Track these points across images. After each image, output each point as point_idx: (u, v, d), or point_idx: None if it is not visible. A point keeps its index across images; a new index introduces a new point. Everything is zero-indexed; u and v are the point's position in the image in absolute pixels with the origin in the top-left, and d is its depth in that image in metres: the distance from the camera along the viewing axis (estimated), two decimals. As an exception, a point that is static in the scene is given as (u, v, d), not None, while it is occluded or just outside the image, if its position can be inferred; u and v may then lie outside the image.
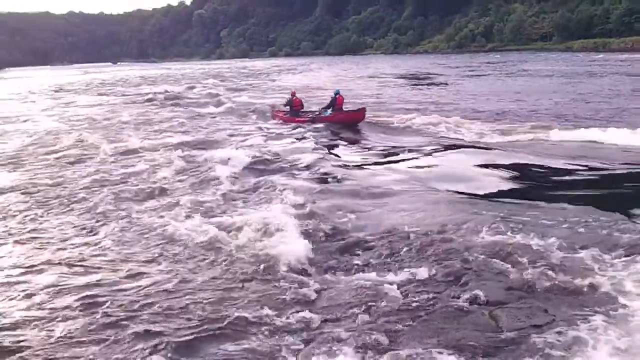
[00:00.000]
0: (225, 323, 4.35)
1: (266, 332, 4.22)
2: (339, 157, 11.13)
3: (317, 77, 38.67)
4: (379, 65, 51.77)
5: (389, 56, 77.07)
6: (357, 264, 5.45)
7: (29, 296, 4.97)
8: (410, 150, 11.34)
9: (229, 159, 10.34)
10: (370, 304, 4.58)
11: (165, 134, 14.46)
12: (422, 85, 29.15)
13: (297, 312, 4.50)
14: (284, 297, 4.78)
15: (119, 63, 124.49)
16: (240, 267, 5.43)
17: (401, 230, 6.20)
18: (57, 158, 11.83)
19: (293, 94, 17.23)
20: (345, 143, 12.83)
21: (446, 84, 28.88)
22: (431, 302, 4.57)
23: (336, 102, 15.35)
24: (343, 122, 14.99)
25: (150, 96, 26.88)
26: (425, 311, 4.44)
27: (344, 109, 15.41)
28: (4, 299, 4.95)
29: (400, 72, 38.36)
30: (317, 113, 15.95)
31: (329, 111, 15.46)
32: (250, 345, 4.08)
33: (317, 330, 4.22)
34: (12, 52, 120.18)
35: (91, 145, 13.00)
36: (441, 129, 14.09)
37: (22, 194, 8.77)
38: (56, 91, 37.21)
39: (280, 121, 16.56)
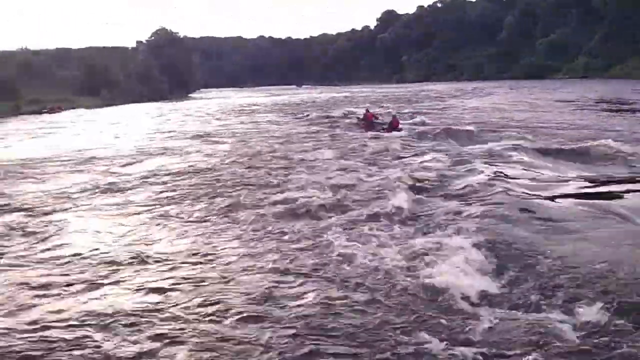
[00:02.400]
0: (385, 349, 4.39)
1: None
2: (520, 184, 10.52)
3: (498, 101, 37.49)
4: (567, 90, 48.74)
5: (578, 81, 72.12)
6: (532, 301, 5.19)
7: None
8: (607, 181, 10.51)
9: (397, 180, 10.41)
10: (542, 344, 4.37)
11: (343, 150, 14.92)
12: (617, 112, 26.60)
13: (465, 346, 4.43)
14: (452, 329, 4.74)
15: (302, 86, 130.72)
16: (407, 294, 5.47)
17: (587, 267, 5.80)
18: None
19: (367, 110, 23.52)
20: (529, 169, 12.17)
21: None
22: (611, 347, 4.20)
23: (393, 121, 21.29)
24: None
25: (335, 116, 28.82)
26: (605, 357, 4.11)
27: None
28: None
29: (592, 98, 35.58)
30: (384, 126, 21.22)
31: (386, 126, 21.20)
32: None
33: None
34: (209, 74, 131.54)
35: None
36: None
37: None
38: (249, 111, 40.22)
39: (362, 129, 21.56)
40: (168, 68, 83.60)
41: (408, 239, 7.19)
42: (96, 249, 7.32)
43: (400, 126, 21.05)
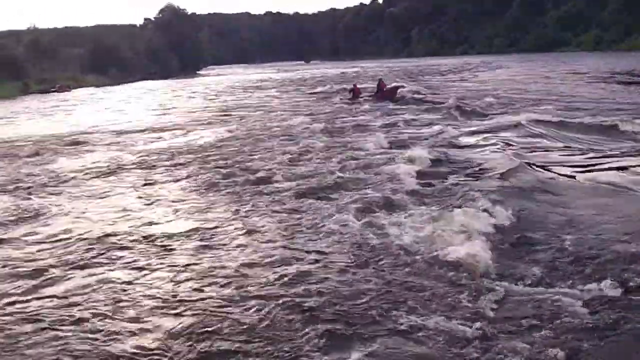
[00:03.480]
0: (395, 326, 4.41)
1: (438, 339, 4.22)
2: (533, 159, 10.44)
3: (509, 74, 37.11)
4: (579, 62, 48.05)
5: (589, 54, 71.11)
6: (542, 276, 5.17)
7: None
8: (621, 156, 10.35)
9: (408, 155, 10.39)
10: (551, 318, 4.36)
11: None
12: (630, 84, 25.94)
13: (473, 321, 4.42)
14: (460, 304, 4.73)
15: (311, 62, 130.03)
16: (417, 270, 5.46)
17: (599, 244, 5.76)
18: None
19: (355, 85, 25.89)
20: (542, 144, 12.10)
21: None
22: (622, 322, 4.21)
23: (380, 85, 24.56)
24: (383, 99, 22.90)
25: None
26: (614, 332, 4.13)
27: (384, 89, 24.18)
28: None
29: (605, 71, 34.96)
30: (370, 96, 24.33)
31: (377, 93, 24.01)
32: (422, 351, 4.11)
33: (492, 342, 4.13)
34: (218, 51, 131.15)
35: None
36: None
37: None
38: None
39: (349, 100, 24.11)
40: (176, 45, 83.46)
41: (417, 214, 7.14)
42: (102, 228, 7.39)
43: (399, 95, 23.47)
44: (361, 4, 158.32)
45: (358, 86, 25.99)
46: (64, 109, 30.68)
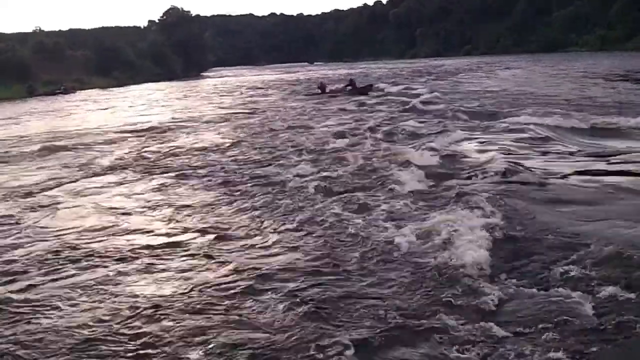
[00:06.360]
0: (398, 328, 4.39)
1: (442, 341, 4.18)
2: (537, 161, 10.41)
3: (515, 75, 37.03)
4: (586, 62, 47.85)
5: (594, 54, 70.83)
6: (546, 277, 5.11)
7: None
8: (622, 155, 10.33)
9: (407, 158, 10.38)
10: (557, 320, 4.30)
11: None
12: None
13: (476, 322, 4.37)
14: (461, 304, 4.69)
15: (315, 63, 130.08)
16: (417, 271, 5.43)
17: (607, 245, 5.63)
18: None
19: (322, 81, 31.87)
20: (546, 145, 12.00)
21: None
22: (632, 325, 4.15)
23: (352, 82, 28.98)
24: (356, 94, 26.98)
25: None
26: (624, 335, 4.06)
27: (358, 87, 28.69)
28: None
29: (612, 71, 34.79)
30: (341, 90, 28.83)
31: (349, 88, 28.51)
32: (426, 351, 4.07)
33: (497, 344, 4.09)
34: (222, 52, 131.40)
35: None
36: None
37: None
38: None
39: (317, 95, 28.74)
40: (180, 47, 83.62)
41: (420, 215, 7.12)
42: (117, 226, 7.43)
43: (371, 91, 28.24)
44: (365, 5, 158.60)
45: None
46: (69, 110, 30.94)
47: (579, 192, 8.02)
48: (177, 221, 7.65)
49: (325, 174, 9.88)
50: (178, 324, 4.62)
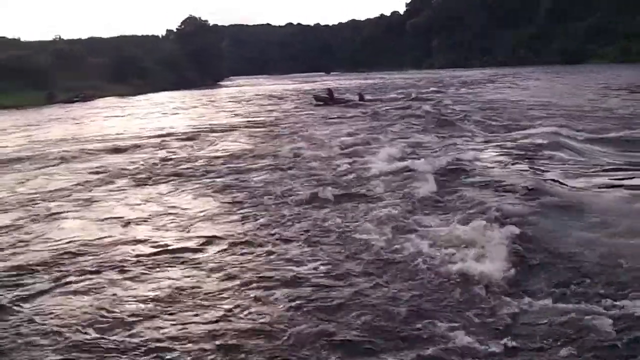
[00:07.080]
0: (411, 340, 4.30)
1: (457, 355, 4.07)
2: (557, 174, 10.07)
3: (536, 86, 36.77)
4: (608, 74, 47.34)
5: (615, 65, 70.05)
6: (567, 293, 4.95)
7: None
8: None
9: (425, 167, 10.30)
10: (575, 336, 4.18)
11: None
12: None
13: (493, 336, 4.26)
14: (476, 317, 4.59)
15: (331, 73, 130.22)
16: (431, 282, 5.33)
17: (628, 259, 5.47)
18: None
19: (329, 89, 33.03)
20: (566, 157, 11.68)
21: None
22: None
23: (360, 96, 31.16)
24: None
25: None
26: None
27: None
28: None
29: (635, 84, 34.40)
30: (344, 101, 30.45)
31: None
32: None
33: (513, 358, 3.94)
34: (238, 62, 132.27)
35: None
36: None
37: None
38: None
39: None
40: (198, 56, 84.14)
41: (434, 225, 7.02)
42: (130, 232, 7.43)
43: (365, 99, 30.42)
44: (382, 15, 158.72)
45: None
46: (88, 117, 31.29)
47: (606, 205, 7.74)
48: (184, 228, 7.66)
49: (334, 182, 9.90)
50: (180, 327, 4.58)
